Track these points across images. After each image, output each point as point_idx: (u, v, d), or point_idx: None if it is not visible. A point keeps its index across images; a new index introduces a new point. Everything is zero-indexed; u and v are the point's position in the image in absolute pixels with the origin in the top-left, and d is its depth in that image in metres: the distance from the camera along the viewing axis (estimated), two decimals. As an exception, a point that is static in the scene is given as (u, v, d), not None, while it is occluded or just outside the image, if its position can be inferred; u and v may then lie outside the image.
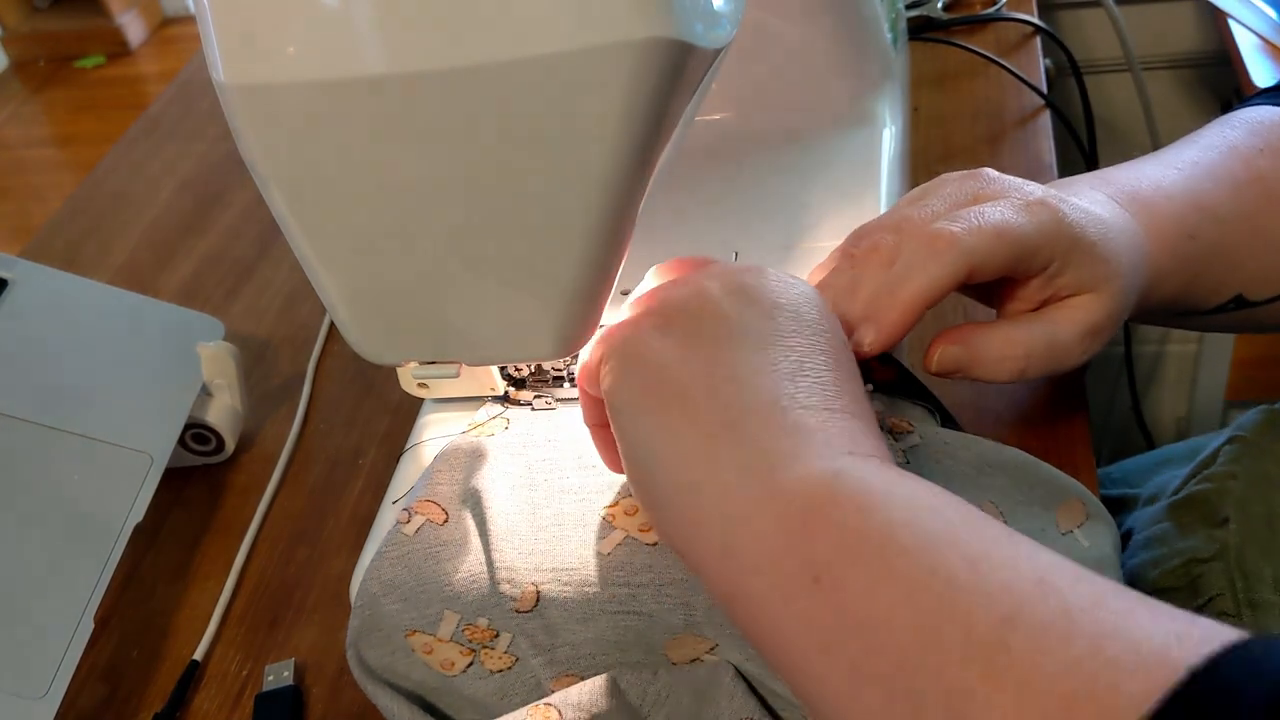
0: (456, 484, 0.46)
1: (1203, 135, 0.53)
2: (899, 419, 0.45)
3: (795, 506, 0.32)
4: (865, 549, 0.31)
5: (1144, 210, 0.48)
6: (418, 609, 0.44)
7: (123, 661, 0.56)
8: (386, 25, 0.34)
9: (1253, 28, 0.96)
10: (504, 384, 0.51)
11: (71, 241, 0.87)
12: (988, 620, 0.27)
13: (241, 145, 0.38)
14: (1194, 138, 0.53)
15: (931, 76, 0.85)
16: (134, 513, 0.56)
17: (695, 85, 0.38)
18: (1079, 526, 0.44)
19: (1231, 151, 0.51)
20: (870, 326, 0.43)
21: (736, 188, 0.63)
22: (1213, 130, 0.53)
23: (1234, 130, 0.52)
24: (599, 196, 0.38)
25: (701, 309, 0.38)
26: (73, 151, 1.23)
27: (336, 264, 0.41)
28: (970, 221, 0.43)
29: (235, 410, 0.65)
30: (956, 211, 0.44)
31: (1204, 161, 0.50)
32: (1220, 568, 0.46)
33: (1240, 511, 0.46)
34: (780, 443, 0.34)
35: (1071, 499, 0.44)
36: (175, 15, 1.38)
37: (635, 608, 0.42)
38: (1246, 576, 0.45)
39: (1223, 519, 0.47)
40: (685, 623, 0.42)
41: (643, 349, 0.38)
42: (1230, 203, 0.49)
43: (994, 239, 0.42)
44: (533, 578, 0.43)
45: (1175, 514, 0.47)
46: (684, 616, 0.42)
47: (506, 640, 0.44)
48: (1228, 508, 0.47)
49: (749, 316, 0.38)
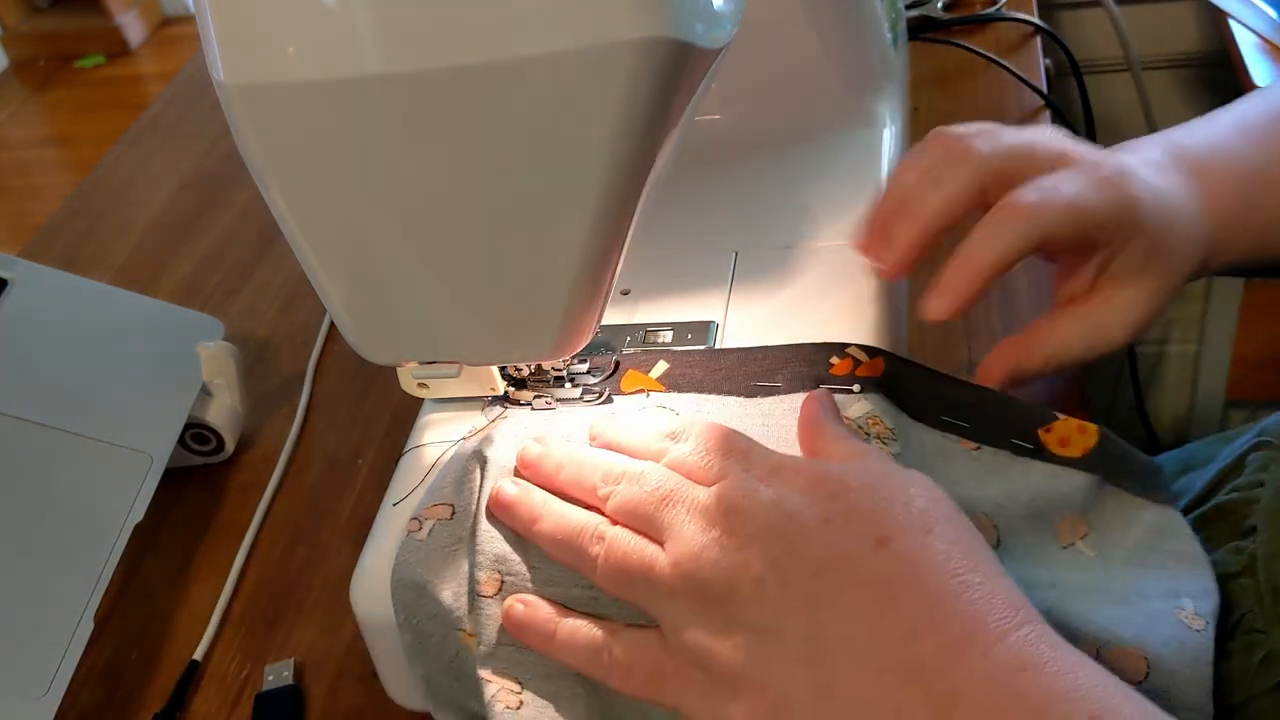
0: (460, 482, 0.46)
1: (1271, 92, 0.52)
2: (884, 425, 0.45)
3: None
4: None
5: (1206, 180, 0.48)
6: (456, 602, 0.44)
7: (122, 661, 0.56)
8: (386, 25, 0.34)
9: (1253, 28, 0.96)
10: (504, 384, 0.51)
11: (71, 241, 0.87)
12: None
13: (241, 145, 0.38)
14: (1266, 95, 0.53)
15: (931, 76, 0.85)
16: (134, 513, 0.56)
17: (695, 85, 0.38)
18: (1081, 539, 0.44)
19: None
20: (943, 295, 0.44)
21: (736, 188, 0.63)
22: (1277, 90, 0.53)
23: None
24: (598, 196, 0.38)
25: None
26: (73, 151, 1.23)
27: (336, 264, 0.41)
28: (1044, 194, 0.43)
29: (235, 410, 0.65)
30: (1031, 183, 0.44)
31: (1270, 126, 0.50)
32: (1250, 584, 0.45)
33: (1269, 521, 0.46)
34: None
35: (1073, 514, 0.44)
36: (175, 15, 1.38)
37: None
38: (1276, 593, 0.44)
39: (1249, 529, 0.46)
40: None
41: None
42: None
43: (1066, 214, 0.43)
44: (500, 566, 0.43)
45: (1202, 527, 0.46)
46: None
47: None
48: (1255, 517, 0.46)
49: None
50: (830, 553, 0.36)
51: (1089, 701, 0.32)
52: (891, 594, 0.35)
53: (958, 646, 0.34)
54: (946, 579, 0.35)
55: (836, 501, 0.37)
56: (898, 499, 0.37)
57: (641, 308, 0.55)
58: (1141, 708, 0.32)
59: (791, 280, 0.55)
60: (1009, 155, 0.45)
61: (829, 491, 0.37)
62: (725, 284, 0.56)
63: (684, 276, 0.57)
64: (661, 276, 0.57)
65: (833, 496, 0.37)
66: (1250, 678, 0.43)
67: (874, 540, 0.36)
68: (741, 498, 0.38)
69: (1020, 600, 0.35)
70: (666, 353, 0.51)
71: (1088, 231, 0.44)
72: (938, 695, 0.33)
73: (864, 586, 0.35)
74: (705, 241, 0.59)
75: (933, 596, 0.34)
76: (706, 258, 0.58)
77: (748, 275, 0.56)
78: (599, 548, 0.40)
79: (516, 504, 0.43)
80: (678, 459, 0.41)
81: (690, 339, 0.53)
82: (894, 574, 0.35)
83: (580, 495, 0.43)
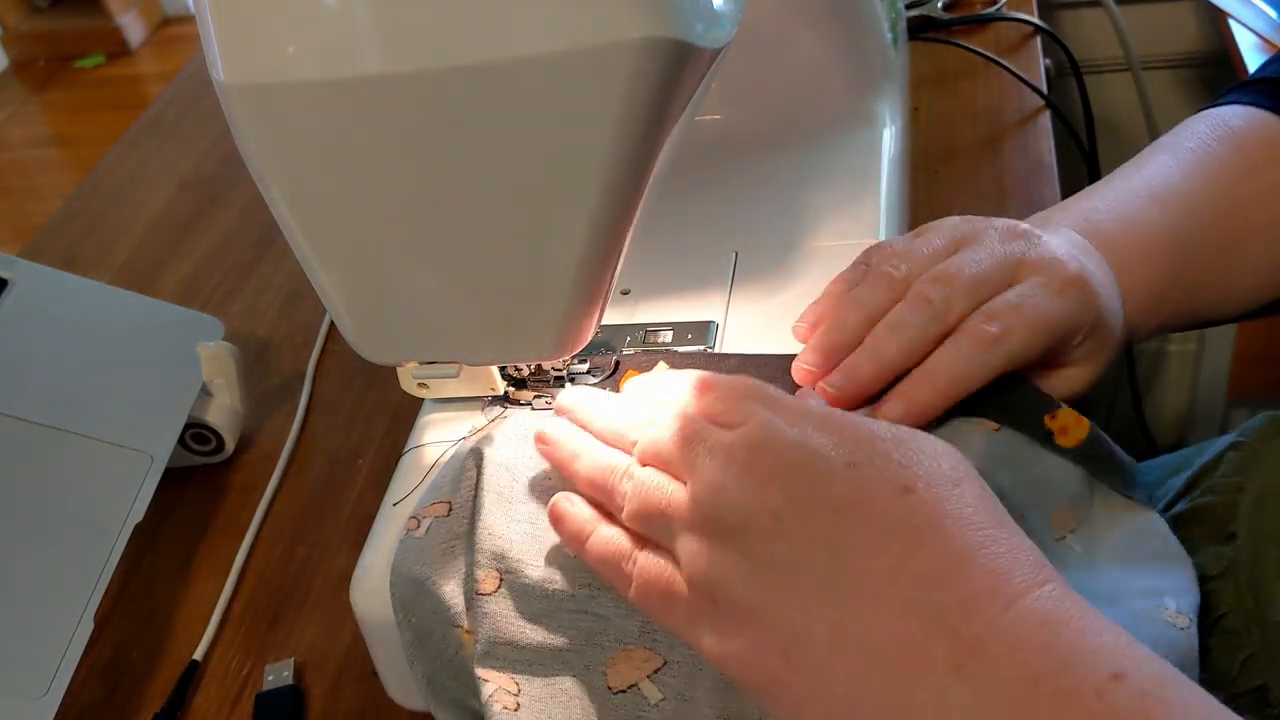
0: (457, 480, 0.46)
1: (1185, 150, 0.53)
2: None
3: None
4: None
5: (1120, 258, 0.49)
6: (455, 600, 0.44)
7: (122, 661, 0.56)
8: (386, 25, 0.34)
9: (1253, 28, 0.96)
10: (504, 384, 0.51)
11: (71, 241, 0.87)
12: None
13: (241, 145, 0.38)
14: (1176, 151, 0.53)
15: (931, 76, 0.85)
16: (134, 513, 0.56)
17: (695, 85, 0.38)
18: (1071, 532, 0.44)
19: (1210, 177, 0.51)
20: (900, 402, 0.44)
21: (736, 188, 0.63)
22: (1190, 142, 0.53)
23: (1216, 144, 0.52)
24: (598, 196, 0.38)
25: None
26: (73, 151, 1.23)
27: (336, 264, 0.41)
28: (1009, 320, 0.44)
29: (235, 410, 0.65)
30: (995, 304, 0.44)
31: (1185, 192, 0.51)
32: (1230, 585, 0.45)
33: (1249, 527, 0.46)
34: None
35: (1064, 505, 0.44)
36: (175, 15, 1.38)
37: (593, 609, 0.42)
38: (1258, 597, 0.44)
39: (1229, 534, 0.46)
40: (640, 631, 0.42)
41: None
42: (1209, 233, 0.50)
43: (1033, 335, 0.44)
44: (498, 564, 0.43)
45: (1180, 527, 0.46)
46: (640, 624, 0.42)
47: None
48: (1234, 522, 0.46)
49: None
50: (854, 495, 0.36)
51: (1113, 658, 0.32)
52: (915, 540, 0.35)
53: (981, 597, 0.33)
54: (973, 530, 0.35)
55: (864, 448, 0.37)
56: (925, 452, 0.37)
57: (641, 308, 0.55)
58: (1164, 667, 0.32)
59: (791, 280, 0.55)
60: (966, 294, 0.45)
61: (857, 438, 0.37)
62: (725, 284, 0.56)
63: (684, 276, 0.57)
64: (661, 276, 0.57)
65: (860, 443, 0.37)
66: (1233, 678, 0.43)
67: (900, 486, 0.36)
68: (765, 437, 0.38)
69: (1043, 559, 0.35)
70: (666, 353, 0.51)
71: (1052, 344, 0.45)
72: (960, 643, 0.33)
73: (887, 530, 0.35)
74: (705, 241, 0.59)
75: (957, 546, 0.34)
76: (706, 258, 0.58)
77: (748, 275, 0.56)
78: (628, 484, 0.41)
79: (559, 441, 0.44)
80: (706, 405, 0.42)
81: (690, 339, 0.53)
82: (919, 521, 0.35)
83: (613, 441, 0.43)
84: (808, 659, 0.35)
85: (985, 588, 0.33)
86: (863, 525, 0.35)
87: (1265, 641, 0.43)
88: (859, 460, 0.36)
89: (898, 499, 0.35)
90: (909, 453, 0.37)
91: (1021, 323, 0.44)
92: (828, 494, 0.36)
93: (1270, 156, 0.52)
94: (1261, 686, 0.43)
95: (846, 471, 0.36)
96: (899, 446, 0.37)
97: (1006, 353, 0.43)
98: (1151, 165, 0.52)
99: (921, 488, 0.35)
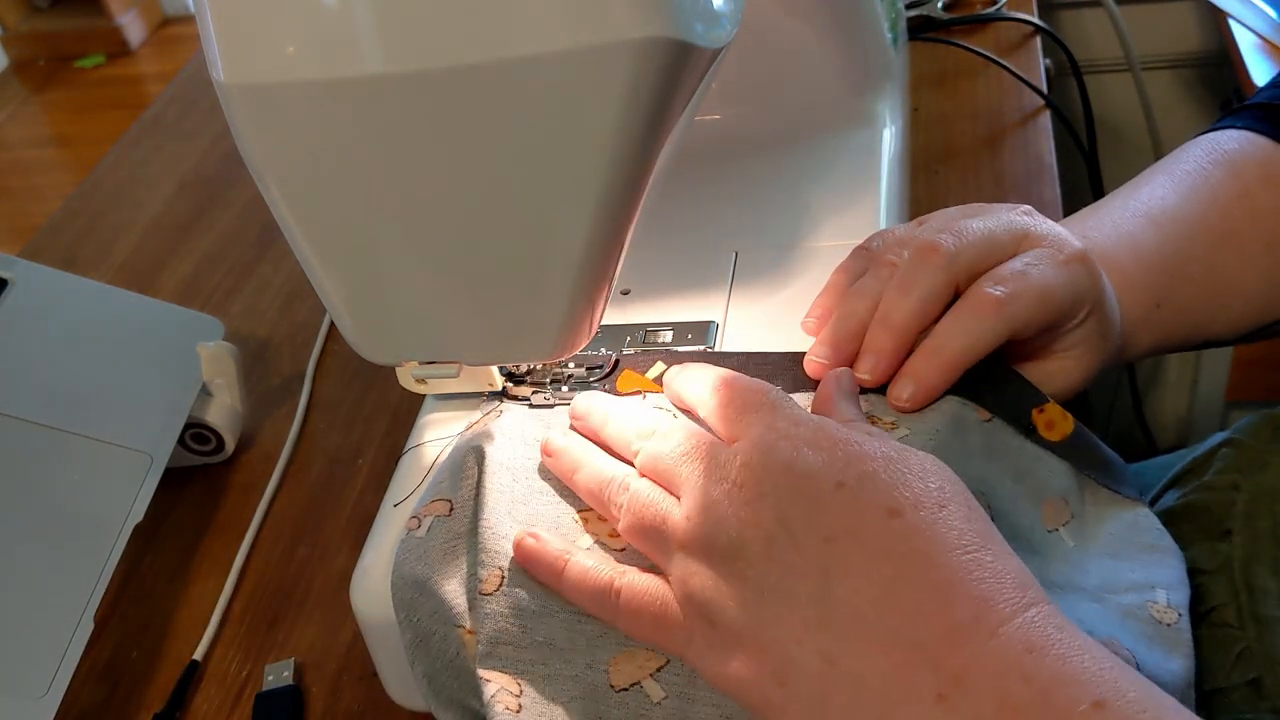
0: (457, 478, 0.46)
1: (1181, 173, 0.53)
2: (885, 421, 0.45)
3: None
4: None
5: (1116, 274, 0.49)
6: (456, 599, 0.44)
7: (122, 661, 0.56)
8: (386, 25, 0.34)
9: (1253, 28, 0.96)
10: (502, 380, 0.51)
11: (71, 241, 0.87)
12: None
13: (241, 145, 0.38)
14: (1173, 174, 0.53)
15: (931, 76, 0.85)
16: (134, 513, 0.56)
17: (695, 85, 0.38)
18: (1064, 525, 0.44)
19: (1205, 200, 0.52)
20: (909, 382, 0.44)
21: (736, 188, 0.63)
22: (1187, 165, 0.53)
23: (1211, 167, 0.53)
24: (598, 196, 0.38)
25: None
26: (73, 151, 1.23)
27: (336, 264, 0.41)
28: (1014, 286, 0.44)
29: (235, 410, 0.65)
30: (1000, 270, 0.44)
31: (1180, 215, 0.51)
32: (1224, 580, 0.45)
33: (1244, 525, 0.46)
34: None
35: (1055, 498, 0.44)
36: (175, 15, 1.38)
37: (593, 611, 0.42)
38: (1252, 592, 0.44)
39: (1224, 531, 0.47)
40: None
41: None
42: (1203, 255, 0.51)
43: (1036, 303, 0.44)
44: (500, 562, 0.43)
45: (1171, 523, 0.46)
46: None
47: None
48: (1230, 520, 0.47)
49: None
50: (843, 520, 0.36)
51: (1095, 685, 0.32)
52: (900, 569, 0.35)
53: (965, 627, 0.34)
54: (957, 555, 0.35)
55: (853, 467, 0.37)
56: (913, 472, 0.37)
57: (641, 308, 0.55)
58: (1146, 691, 0.32)
59: (791, 280, 0.55)
60: (975, 247, 0.45)
61: (847, 456, 0.37)
62: (725, 284, 0.56)
63: (684, 276, 0.57)
64: (661, 276, 0.57)
65: (849, 461, 0.37)
66: (1227, 671, 0.44)
67: (887, 510, 0.36)
68: (758, 454, 0.38)
69: (1029, 579, 0.35)
70: (665, 354, 0.51)
71: (1057, 317, 0.45)
72: (943, 674, 0.33)
73: (874, 558, 0.35)
74: (705, 241, 0.59)
75: (942, 573, 0.35)
76: (706, 258, 0.58)
77: (748, 275, 0.56)
78: (624, 498, 0.41)
79: (562, 453, 0.44)
80: (710, 416, 0.42)
81: (690, 339, 0.53)
82: (905, 548, 0.35)
83: (619, 450, 0.44)
84: (803, 689, 0.36)
85: (969, 617, 0.34)
86: (851, 551, 0.36)
87: (1259, 636, 0.44)
88: (848, 481, 0.37)
89: (884, 523, 0.36)
90: (897, 472, 0.37)
91: (1027, 288, 0.44)
92: (818, 519, 0.36)
93: (1265, 180, 0.52)
94: (1255, 680, 0.43)
95: (835, 493, 0.37)
96: (888, 466, 0.37)
97: (1010, 318, 0.43)
98: (1148, 188, 0.53)
99: (909, 510, 0.36)
